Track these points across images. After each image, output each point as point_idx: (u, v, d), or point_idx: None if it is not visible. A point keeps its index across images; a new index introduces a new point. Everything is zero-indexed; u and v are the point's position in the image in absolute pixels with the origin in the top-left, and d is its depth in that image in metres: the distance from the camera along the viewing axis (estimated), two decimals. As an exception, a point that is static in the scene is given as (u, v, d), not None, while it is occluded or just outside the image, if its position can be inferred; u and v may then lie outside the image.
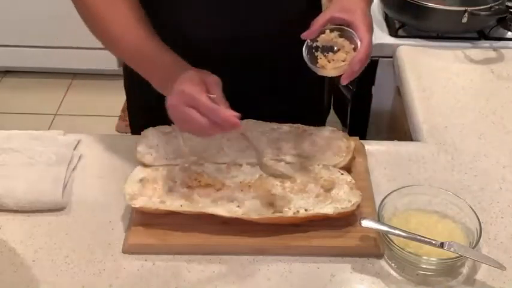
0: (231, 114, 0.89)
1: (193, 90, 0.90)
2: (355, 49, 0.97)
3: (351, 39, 0.98)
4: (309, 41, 1.00)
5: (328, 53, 0.99)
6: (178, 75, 0.94)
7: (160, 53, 1.00)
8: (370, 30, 0.99)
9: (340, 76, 0.97)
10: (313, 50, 1.00)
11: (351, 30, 0.98)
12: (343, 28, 0.99)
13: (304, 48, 1.00)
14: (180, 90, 0.91)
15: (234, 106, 0.93)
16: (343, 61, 0.97)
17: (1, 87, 3.07)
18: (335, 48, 0.99)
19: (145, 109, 1.25)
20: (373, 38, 1.55)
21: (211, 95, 0.91)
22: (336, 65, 0.98)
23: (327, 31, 1.00)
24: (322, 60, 0.99)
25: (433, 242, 0.91)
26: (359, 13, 0.99)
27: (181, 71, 0.95)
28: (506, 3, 1.54)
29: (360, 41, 0.96)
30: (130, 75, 1.22)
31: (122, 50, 1.03)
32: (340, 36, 0.99)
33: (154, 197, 0.99)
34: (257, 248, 0.96)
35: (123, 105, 2.67)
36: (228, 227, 0.96)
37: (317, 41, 1.00)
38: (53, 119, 2.88)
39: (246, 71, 1.15)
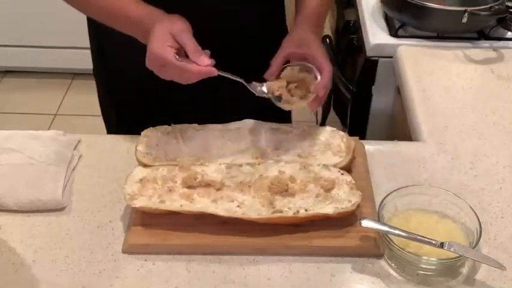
0: (203, 65, 0.95)
1: (162, 52, 0.96)
2: (316, 78, 1.04)
3: (310, 71, 1.06)
4: (270, 79, 1.06)
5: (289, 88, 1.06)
6: (151, 29, 0.98)
7: (134, 7, 1.03)
8: (327, 58, 1.07)
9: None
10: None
11: (308, 64, 1.06)
12: (301, 63, 1.07)
13: (264, 87, 1.06)
14: (150, 53, 0.97)
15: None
16: (309, 92, 1.04)
17: (1, 87, 3.07)
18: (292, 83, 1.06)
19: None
20: (373, 38, 1.58)
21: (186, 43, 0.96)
22: (304, 97, 1.04)
23: (288, 68, 1.07)
24: (285, 95, 1.05)
25: (433, 242, 0.91)
26: (315, 45, 1.07)
27: (153, 25, 0.98)
28: (506, 3, 1.54)
29: (321, 69, 1.04)
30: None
31: (96, 7, 1.07)
32: (300, 70, 1.06)
33: (154, 197, 0.99)
34: (257, 248, 0.96)
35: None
36: (228, 227, 0.96)
37: (280, 78, 1.06)
38: (53, 119, 2.88)
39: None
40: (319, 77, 1.04)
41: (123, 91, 1.29)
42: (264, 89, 1.05)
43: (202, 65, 0.96)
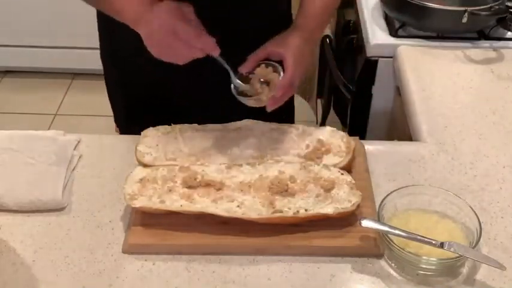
0: (210, 39, 0.97)
1: (173, 17, 0.96)
2: None
3: (280, 73, 1.06)
4: (244, 73, 1.07)
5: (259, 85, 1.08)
6: (153, 6, 0.99)
7: None
8: (300, 64, 1.06)
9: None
10: (245, 83, 1.07)
11: (277, 64, 1.07)
12: (274, 64, 1.07)
13: (236, 79, 1.07)
14: (159, 17, 0.97)
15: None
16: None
17: (1, 87, 3.07)
18: (262, 81, 1.07)
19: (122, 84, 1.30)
20: (373, 38, 1.58)
21: (191, 20, 0.98)
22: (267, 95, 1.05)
23: (263, 65, 1.08)
24: (251, 91, 1.07)
25: (433, 242, 0.91)
26: (292, 47, 1.06)
27: (156, 2, 0.99)
28: (506, 3, 1.54)
29: (285, 70, 1.04)
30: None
31: None
32: (274, 71, 1.07)
33: (154, 197, 0.99)
34: (257, 248, 0.96)
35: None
36: (228, 226, 0.96)
37: (254, 73, 1.07)
38: (53, 119, 2.88)
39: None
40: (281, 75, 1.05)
41: (129, 79, 1.29)
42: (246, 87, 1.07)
43: (207, 41, 0.97)
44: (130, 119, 1.35)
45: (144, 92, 1.28)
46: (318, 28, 1.18)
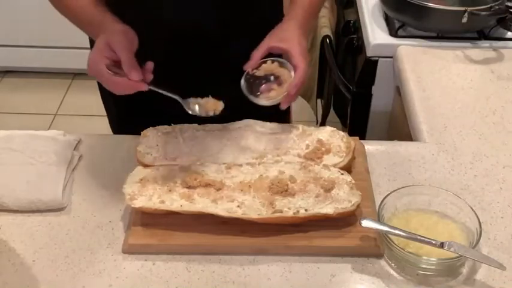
0: (133, 79, 0.95)
1: (96, 62, 0.98)
2: (292, 77, 1.04)
3: (288, 69, 1.06)
4: (249, 70, 1.07)
5: (265, 82, 1.07)
6: (97, 38, 1.01)
7: (97, 13, 1.06)
8: (306, 57, 1.06)
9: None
10: (251, 80, 1.07)
11: (285, 61, 1.06)
12: (279, 59, 1.07)
13: (243, 79, 1.06)
14: (88, 62, 0.99)
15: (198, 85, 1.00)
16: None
17: (1, 87, 3.07)
18: (272, 78, 1.07)
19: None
20: (373, 38, 1.58)
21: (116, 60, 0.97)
22: (279, 92, 1.05)
23: (269, 61, 1.07)
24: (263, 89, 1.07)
25: (433, 242, 0.91)
26: (295, 42, 1.06)
27: (104, 31, 1.01)
28: (506, 3, 1.54)
29: (295, 67, 1.04)
30: None
31: (70, 10, 1.10)
32: (280, 66, 1.07)
33: (154, 197, 0.99)
34: (257, 248, 0.96)
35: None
36: (228, 227, 0.96)
37: (258, 70, 1.07)
38: (53, 119, 2.88)
39: (214, 51, 1.19)
40: (293, 75, 1.04)
41: None
42: (197, 108, 1.04)
43: (132, 79, 0.96)
44: (122, 125, 1.35)
45: (136, 99, 1.28)
46: (312, 18, 1.18)
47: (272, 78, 1.07)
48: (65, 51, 2.97)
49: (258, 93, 1.07)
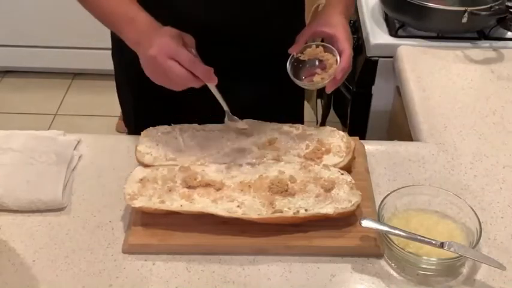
0: (209, 69, 0.96)
1: (175, 43, 0.96)
2: (336, 62, 1.04)
3: (333, 53, 1.06)
4: (294, 54, 1.07)
5: (309, 66, 1.08)
6: (156, 30, 0.99)
7: (138, 10, 1.03)
8: (351, 42, 1.07)
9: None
10: (295, 64, 1.07)
11: (330, 46, 1.06)
12: (324, 44, 1.07)
13: (288, 62, 1.06)
14: (161, 42, 0.96)
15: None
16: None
17: (1, 87, 3.07)
18: (316, 62, 1.07)
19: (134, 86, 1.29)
20: (373, 38, 1.58)
21: (192, 49, 0.98)
22: (324, 76, 1.05)
23: (313, 46, 1.07)
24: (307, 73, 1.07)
25: (433, 242, 0.91)
26: (340, 27, 1.07)
27: (159, 27, 1.00)
28: (506, 3, 1.54)
29: (342, 52, 1.04)
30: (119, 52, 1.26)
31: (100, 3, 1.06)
32: (325, 51, 1.07)
33: (154, 197, 0.99)
34: (257, 248, 0.96)
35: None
36: (228, 227, 0.96)
37: (303, 54, 1.07)
38: (53, 119, 2.88)
39: (232, 51, 1.18)
40: (339, 60, 1.04)
41: (138, 80, 1.30)
42: (240, 124, 1.08)
43: (202, 73, 0.96)
44: (139, 120, 1.34)
45: (153, 94, 1.28)
46: (351, 6, 1.19)
47: (317, 62, 1.08)
48: (65, 51, 2.97)
49: (303, 77, 1.07)
